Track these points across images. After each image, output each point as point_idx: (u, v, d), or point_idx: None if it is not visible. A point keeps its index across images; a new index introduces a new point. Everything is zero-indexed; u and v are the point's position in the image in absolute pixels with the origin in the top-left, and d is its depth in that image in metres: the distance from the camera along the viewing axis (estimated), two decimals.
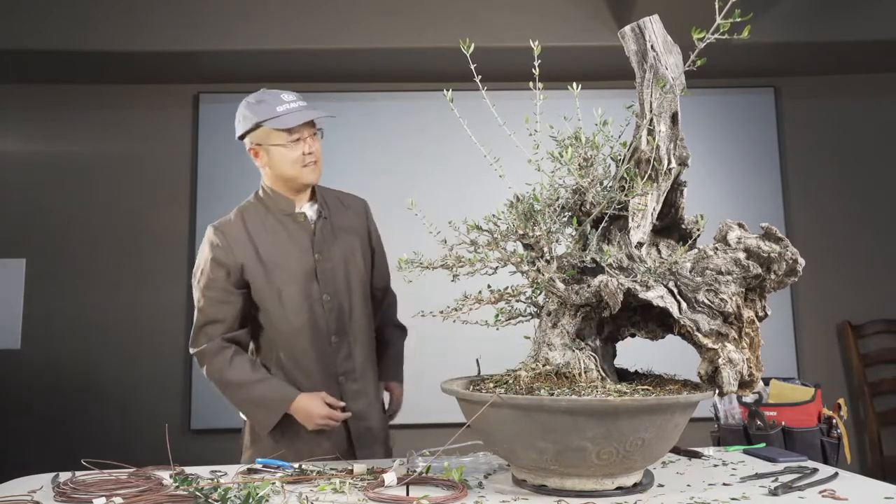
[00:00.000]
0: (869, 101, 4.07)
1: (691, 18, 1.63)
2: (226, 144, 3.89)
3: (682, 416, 1.26)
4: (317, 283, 1.86)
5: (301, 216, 1.89)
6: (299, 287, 1.85)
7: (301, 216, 1.89)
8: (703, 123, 3.95)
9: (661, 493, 1.30)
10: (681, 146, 1.37)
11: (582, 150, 1.36)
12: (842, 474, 1.43)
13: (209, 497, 1.24)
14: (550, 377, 1.31)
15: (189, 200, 3.88)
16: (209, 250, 1.86)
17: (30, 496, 1.35)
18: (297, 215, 1.89)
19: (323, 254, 1.88)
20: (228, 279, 1.84)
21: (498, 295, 1.37)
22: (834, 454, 2.07)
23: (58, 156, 3.90)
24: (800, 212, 3.97)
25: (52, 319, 3.76)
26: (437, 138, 3.85)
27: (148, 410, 3.69)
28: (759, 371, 1.28)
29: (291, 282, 1.85)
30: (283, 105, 1.81)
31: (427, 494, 1.25)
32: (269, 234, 1.87)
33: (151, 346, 3.76)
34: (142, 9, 3.50)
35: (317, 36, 3.54)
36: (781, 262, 1.26)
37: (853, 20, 3.56)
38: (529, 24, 3.51)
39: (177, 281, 3.81)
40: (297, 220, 1.89)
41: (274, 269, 1.84)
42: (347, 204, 2.01)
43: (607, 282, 1.26)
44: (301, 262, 1.86)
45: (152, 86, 3.94)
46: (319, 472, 1.49)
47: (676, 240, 1.43)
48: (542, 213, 1.33)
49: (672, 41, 1.38)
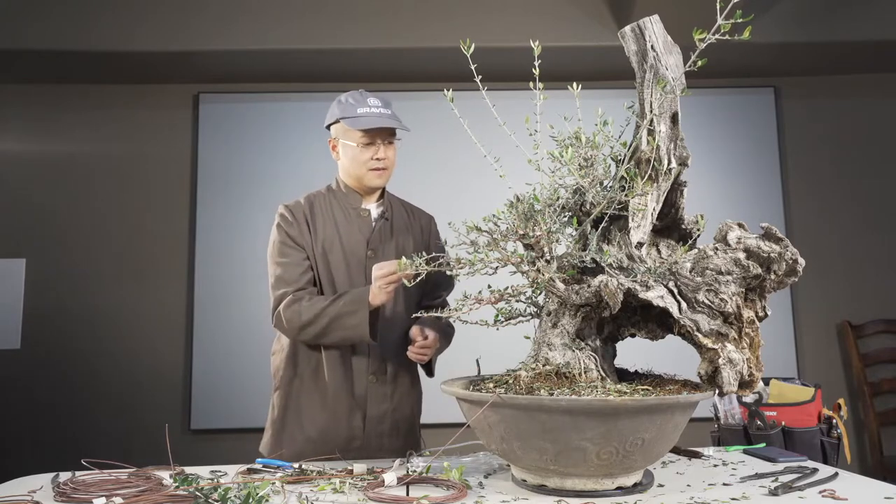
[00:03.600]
0: (869, 101, 4.07)
1: (691, 18, 1.63)
2: (226, 144, 3.90)
3: (682, 416, 1.26)
4: (364, 278, 1.90)
5: (364, 212, 1.97)
6: (348, 277, 1.90)
7: (364, 212, 1.97)
8: (703, 123, 3.95)
9: (661, 493, 1.30)
10: (681, 146, 1.37)
11: (582, 150, 1.36)
12: (842, 474, 1.43)
13: (209, 497, 1.24)
14: (550, 377, 1.31)
15: (189, 200, 3.88)
16: (279, 223, 1.94)
17: (30, 496, 1.35)
18: (360, 210, 1.97)
19: (377, 251, 1.94)
20: (298, 248, 1.91)
21: (498, 295, 1.37)
22: (834, 454, 2.07)
23: (58, 156, 3.90)
24: (800, 212, 3.97)
25: (52, 319, 3.76)
26: (438, 138, 3.85)
27: (148, 410, 3.69)
28: (759, 371, 1.28)
29: (342, 270, 1.90)
30: (366, 108, 1.90)
31: (427, 494, 1.25)
32: (331, 222, 1.95)
33: (151, 346, 3.76)
34: (142, 8, 3.50)
35: (317, 36, 3.54)
36: (781, 262, 1.26)
37: (853, 20, 3.56)
38: (529, 24, 3.52)
39: (177, 281, 3.81)
40: (360, 214, 1.97)
41: (328, 254, 1.91)
42: (413, 213, 2.08)
43: (607, 282, 1.26)
44: (354, 254, 1.92)
45: (152, 86, 3.94)
46: (319, 472, 1.49)
47: (676, 240, 1.43)
48: (542, 213, 1.33)
49: (672, 41, 1.38)
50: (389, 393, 1.91)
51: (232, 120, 3.93)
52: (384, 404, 1.90)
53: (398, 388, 1.94)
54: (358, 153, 1.91)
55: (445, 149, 3.81)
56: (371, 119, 1.88)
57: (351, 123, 1.88)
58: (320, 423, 1.87)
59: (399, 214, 2.02)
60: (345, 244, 1.92)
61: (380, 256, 1.91)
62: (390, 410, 1.91)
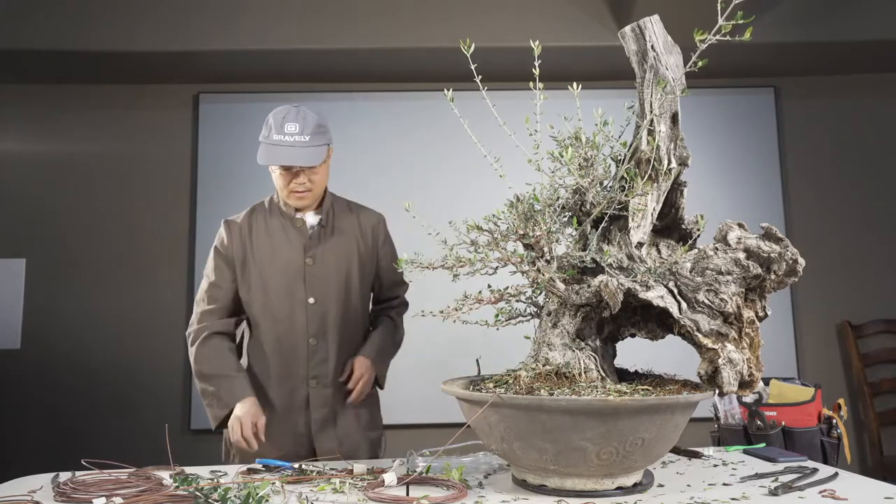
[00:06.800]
0: (869, 101, 4.07)
1: (691, 18, 1.63)
2: (226, 144, 3.90)
3: (682, 416, 1.26)
4: (303, 285, 1.93)
5: (299, 221, 1.98)
6: (285, 286, 1.94)
7: (299, 221, 1.98)
8: (703, 123, 3.95)
9: (661, 493, 1.30)
10: (681, 146, 1.37)
11: (582, 150, 1.36)
12: (842, 474, 1.43)
13: (209, 497, 1.24)
14: (550, 377, 1.31)
15: (189, 200, 3.88)
16: (216, 245, 2.00)
17: (30, 496, 1.35)
18: (295, 220, 1.98)
19: (315, 258, 1.95)
20: (226, 268, 1.97)
21: (498, 295, 1.37)
22: (834, 454, 2.07)
23: (58, 156, 3.90)
24: (800, 212, 3.97)
25: (52, 319, 3.76)
26: (438, 138, 3.85)
27: (148, 410, 3.69)
28: (759, 371, 1.28)
29: (278, 280, 1.94)
30: (281, 135, 1.87)
31: (427, 494, 1.25)
32: (268, 234, 1.98)
33: (151, 346, 3.76)
34: (142, 9, 3.50)
35: (317, 36, 3.54)
36: (781, 262, 1.26)
37: (853, 20, 3.56)
38: (529, 24, 3.52)
39: (177, 281, 3.81)
40: (295, 224, 1.98)
41: (265, 267, 1.95)
42: (358, 215, 2.07)
43: (607, 282, 1.26)
44: (292, 263, 1.95)
45: (152, 86, 3.94)
46: (319, 473, 1.49)
47: (676, 240, 1.43)
48: (542, 213, 1.33)
49: (672, 41, 1.38)
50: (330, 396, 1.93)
51: (232, 120, 3.93)
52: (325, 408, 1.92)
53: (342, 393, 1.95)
54: (278, 177, 1.93)
55: (445, 149, 3.81)
56: (277, 152, 1.85)
57: (260, 152, 1.87)
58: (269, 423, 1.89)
59: (341, 216, 2.03)
60: (282, 255, 1.95)
61: (318, 261, 1.95)
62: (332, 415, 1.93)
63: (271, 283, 1.93)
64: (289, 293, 1.93)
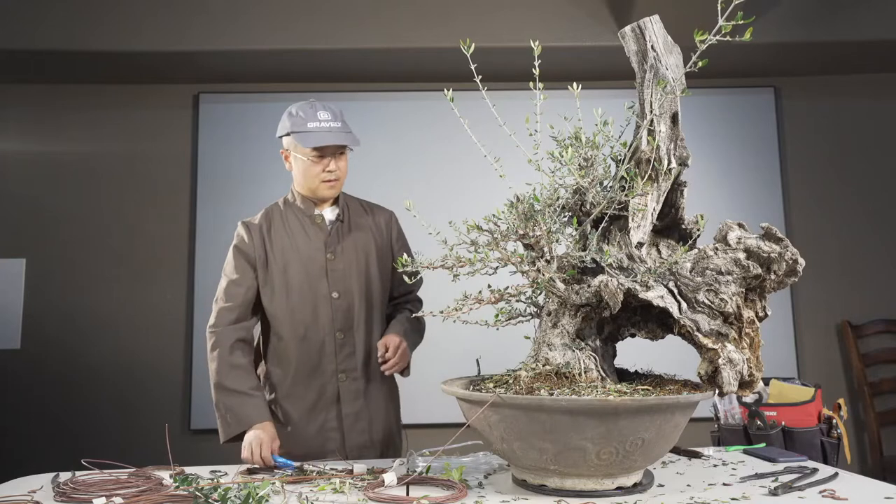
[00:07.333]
0: (869, 101, 4.07)
1: (691, 19, 1.64)
2: (226, 144, 3.90)
3: (682, 416, 1.26)
4: (326, 281, 1.95)
5: (318, 217, 2.01)
6: (309, 283, 1.95)
7: (318, 217, 2.01)
8: (703, 123, 3.95)
9: (661, 493, 1.30)
10: (681, 146, 1.37)
11: (582, 150, 1.36)
12: (842, 474, 1.43)
13: (209, 497, 1.24)
14: (550, 377, 1.31)
15: (189, 200, 3.88)
16: (235, 243, 2.00)
17: (30, 496, 1.35)
18: (315, 217, 2.01)
19: (336, 253, 1.98)
20: (248, 267, 1.97)
21: (498, 295, 1.37)
22: (834, 454, 2.07)
23: (58, 156, 3.90)
24: (800, 212, 3.96)
25: (52, 319, 3.76)
26: (438, 138, 3.85)
27: (148, 410, 3.69)
28: (759, 371, 1.28)
29: (302, 278, 1.95)
30: (315, 122, 1.92)
31: (427, 494, 1.25)
32: (287, 233, 2.00)
33: (151, 345, 3.76)
34: (142, 9, 3.50)
35: (317, 36, 3.54)
36: (781, 262, 1.26)
37: (853, 20, 3.56)
38: (529, 24, 3.51)
39: (177, 281, 3.81)
40: (314, 221, 2.00)
41: (287, 265, 1.96)
42: (371, 212, 2.11)
43: (607, 282, 1.26)
44: (313, 260, 1.96)
45: (152, 86, 3.94)
46: (319, 472, 1.49)
47: (676, 240, 1.43)
48: (542, 213, 1.33)
49: (672, 41, 1.38)
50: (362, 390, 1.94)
51: (232, 120, 3.93)
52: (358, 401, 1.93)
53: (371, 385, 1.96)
54: (309, 166, 1.95)
55: (445, 149, 3.81)
56: (320, 136, 1.90)
57: (300, 139, 1.91)
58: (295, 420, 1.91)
59: (356, 213, 2.07)
60: (303, 252, 1.96)
61: (339, 256, 1.97)
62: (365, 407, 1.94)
63: (294, 281, 1.94)
64: (312, 289, 1.94)
